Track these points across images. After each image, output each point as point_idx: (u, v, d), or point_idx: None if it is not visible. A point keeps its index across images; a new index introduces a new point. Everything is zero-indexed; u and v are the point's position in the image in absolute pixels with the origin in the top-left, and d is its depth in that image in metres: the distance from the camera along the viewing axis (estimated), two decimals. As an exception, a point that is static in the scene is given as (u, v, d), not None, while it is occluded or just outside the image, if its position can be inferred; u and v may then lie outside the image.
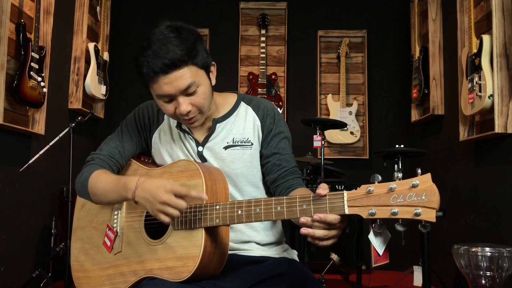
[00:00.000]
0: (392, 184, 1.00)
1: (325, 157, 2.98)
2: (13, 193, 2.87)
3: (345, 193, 1.05)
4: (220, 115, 1.44)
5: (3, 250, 2.77)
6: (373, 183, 1.03)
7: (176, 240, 1.24)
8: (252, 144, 1.41)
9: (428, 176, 1.00)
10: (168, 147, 1.45)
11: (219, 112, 1.45)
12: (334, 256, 3.53)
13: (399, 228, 1.03)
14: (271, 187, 1.43)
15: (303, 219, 1.07)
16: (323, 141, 2.91)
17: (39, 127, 3.06)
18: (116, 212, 1.38)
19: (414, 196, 0.98)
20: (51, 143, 2.76)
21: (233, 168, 1.39)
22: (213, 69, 1.38)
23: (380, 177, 1.03)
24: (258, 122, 1.43)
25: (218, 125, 1.42)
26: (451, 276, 3.16)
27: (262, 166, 1.43)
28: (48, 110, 3.14)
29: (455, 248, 2.56)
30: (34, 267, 2.98)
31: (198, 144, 1.42)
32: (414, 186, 0.99)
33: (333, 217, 1.05)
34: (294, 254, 1.48)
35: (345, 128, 4.29)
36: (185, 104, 1.28)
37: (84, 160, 1.47)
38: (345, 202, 1.04)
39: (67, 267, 2.67)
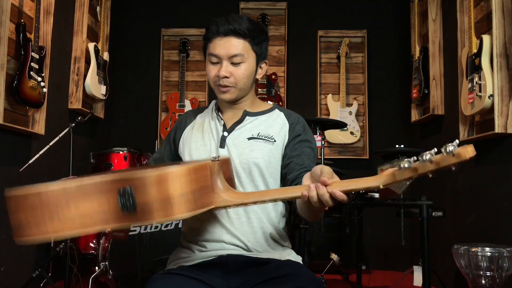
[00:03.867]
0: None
1: (325, 157, 2.98)
2: (13, 193, 2.87)
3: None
4: (253, 111, 1.53)
5: (3, 250, 2.77)
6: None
7: None
8: (275, 141, 1.46)
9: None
10: (198, 135, 1.52)
11: (253, 108, 1.54)
12: (334, 256, 3.53)
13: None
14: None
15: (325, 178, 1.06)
16: (323, 141, 2.91)
17: (39, 127, 3.06)
18: None
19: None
20: (51, 143, 2.76)
21: (251, 157, 1.43)
22: (264, 66, 1.53)
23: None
24: (286, 126, 1.50)
25: (247, 117, 1.50)
26: (451, 276, 3.16)
27: (285, 166, 1.44)
28: (48, 110, 3.14)
29: (455, 248, 2.56)
30: (34, 267, 2.98)
31: (225, 129, 1.49)
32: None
33: (342, 197, 1.04)
34: (298, 259, 1.47)
35: (345, 128, 4.29)
36: (225, 69, 1.42)
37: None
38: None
39: (67, 267, 2.67)
